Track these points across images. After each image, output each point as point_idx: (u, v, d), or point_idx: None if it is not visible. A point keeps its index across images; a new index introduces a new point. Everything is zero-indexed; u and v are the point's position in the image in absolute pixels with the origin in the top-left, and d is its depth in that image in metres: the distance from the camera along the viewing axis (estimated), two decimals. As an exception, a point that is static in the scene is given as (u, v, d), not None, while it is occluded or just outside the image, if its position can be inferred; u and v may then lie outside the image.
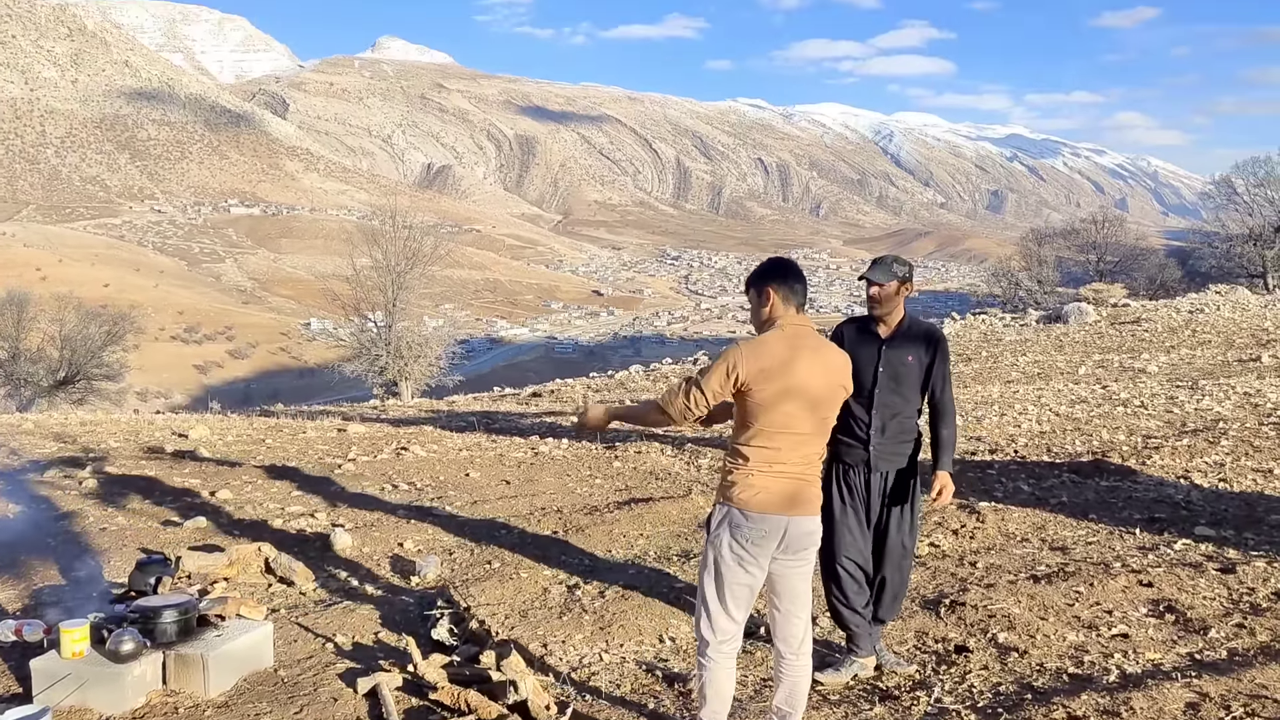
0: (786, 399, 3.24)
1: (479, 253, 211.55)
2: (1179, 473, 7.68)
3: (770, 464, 3.29)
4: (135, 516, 7.15)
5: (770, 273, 3.45)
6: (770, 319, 3.40)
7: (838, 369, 3.40)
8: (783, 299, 3.38)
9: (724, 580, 3.33)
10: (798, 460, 3.32)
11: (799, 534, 3.34)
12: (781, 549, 3.34)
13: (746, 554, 3.30)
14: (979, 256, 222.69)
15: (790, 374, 3.24)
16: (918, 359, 4.17)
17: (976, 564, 5.62)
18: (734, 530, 3.31)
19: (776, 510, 3.28)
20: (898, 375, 4.15)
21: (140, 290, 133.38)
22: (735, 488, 3.32)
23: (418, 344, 27.10)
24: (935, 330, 4.29)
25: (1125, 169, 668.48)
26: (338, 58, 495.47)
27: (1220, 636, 4.25)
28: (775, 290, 3.39)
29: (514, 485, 8.54)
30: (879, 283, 4.14)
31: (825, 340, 3.50)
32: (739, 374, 3.23)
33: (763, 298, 3.42)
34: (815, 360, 3.31)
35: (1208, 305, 22.86)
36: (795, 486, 3.32)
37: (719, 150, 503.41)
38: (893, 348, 4.16)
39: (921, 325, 4.27)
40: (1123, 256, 42.75)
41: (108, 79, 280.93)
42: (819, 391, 3.30)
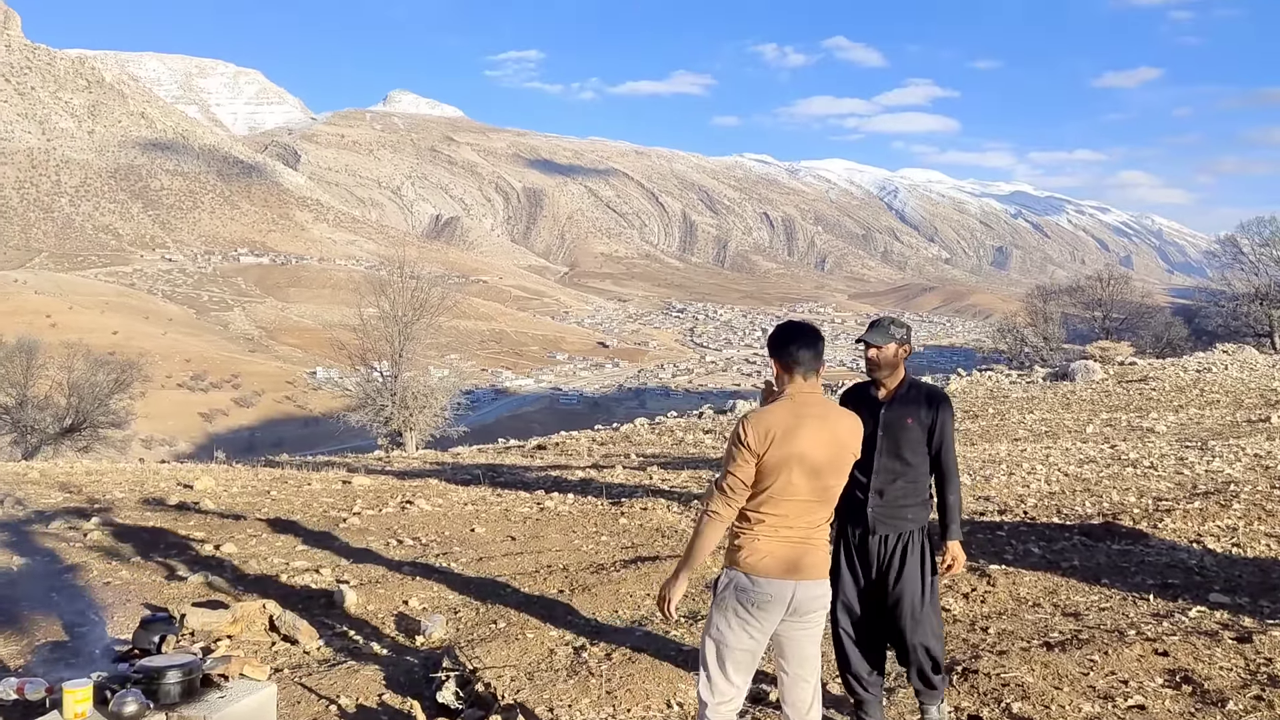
0: (788, 466, 3.28)
1: (485, 303, 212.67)
2: (1191, 537, 7.61)
3: (776, 529, 3.32)
4: (140, 570, 7.10)
5: (777, 344, 3.47)
6: (782, 388, 3.44)
7: (845, 436, 3.42)
8: (786, 369, 3.43)
9: (726, 644, 3.35)
10: (803, 525, 3.35)
11: (806, 598, 3.36)
12: (789, 613, 3.35)
13: (751, 619, 3.32)
14: (984, 312, 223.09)
15: (792, 442, 3.28)
16: (918, 421, 4.12)
17: (988, 629, 5.54)
18: (739, 594, 3.33)
19: (782, 575, 3.31)
20: (897, 439, 4.11)
21: (148, 338, 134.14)
22: (741, 552, 3.35)
23: (423, 394, 27.07)
24: (937, 391, 4.25)
25: (1130, 227, 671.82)
26: (350, 110, 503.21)
27: (1239, 709, 4.17)
28: (777, 361, 3.45)
29: (519, 541, 8.48)
30: (876, 345, 4.13)
31: (834, 407, 3.50)
32: (751, 444, 3.27)
33: (774, 368, 3.47)
34: (820, 428, 3.34)
35: (1215, 364, 22.82)
36: (801, 551, 3.34)
37: (725, 204, 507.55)
38: (892, 410, 4.14)
39: (923, 386, 4.24)
40: (1128, 314, 42.80)
41: (124, 130, 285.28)
42: (821, 459, 3.33)
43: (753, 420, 3.32)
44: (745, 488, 3.32)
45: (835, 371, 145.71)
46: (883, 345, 4.13)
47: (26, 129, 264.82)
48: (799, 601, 3.35)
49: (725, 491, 3.32)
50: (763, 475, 3.30)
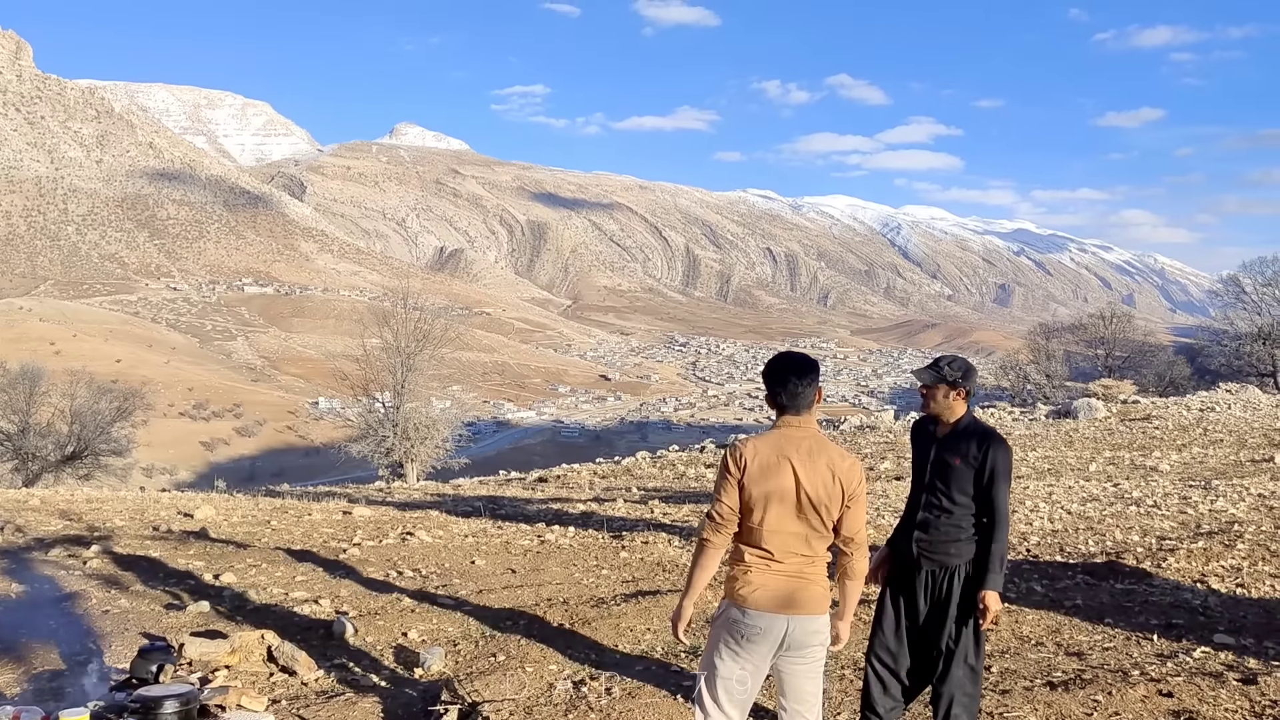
0: (773, 501, 3.32)
1: (488, 335, 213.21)
2: (1195, 577, 7.57)
3: (767, 563, 3.36)
4: (138, 599, 7.08)
5: (766, 376, 3.50)
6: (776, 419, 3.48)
7: (830, 474, 3.36)
8: (777, 403, 3.45)
9: (717, 673, 3.40)
10: (796, 560, 3.37)
11: (800, 633, 3.37)
12: (784, 648, 3.37)
13: (741, 650, 3.36)
14: (986, 349, 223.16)
15: (772, 476, 3.32)
16: (966, 461, 4.05)
17: (991, 668, 5.50)
18: (730, 625, 3.39)
19: (773, 609, 3.33)
20: (945, 475, 4.09)
21: (152, 366, 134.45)
22: (736, 584, 3.40)
23: (425, 425, 27.07)
24: (991, 433, 4.13)
25: (1132, 265, 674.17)
26: (356, 143, 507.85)
27: (1244, 751, 4.13)
28: (772, 396, 3.47)
29: (520, 574, 8.45)
30: (924, 383, 4.17)
31: (826, 443, 3.46)
32: (733, 471, 3.35)
33: (766, 400, 3.51)
34: (803, 464, 3.34)
35: (1218, 404, 22.79)
36: (794, 585, 3.36)
37: (728, 239, 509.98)
38: (944, 447, 4.13)
39: (978, 427, 4.16)
40: (1131, 352, 42.78)
41: (131, 160, 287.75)
42: (805, 495, 3.33)
43: (734, 448, 3.40)
44: (733, 513, 3.36)
45: (837, 407, 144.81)
46: (931, 385, 4.14)
47: (35, 158, 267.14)
48: (792, 636, 3.35)
49: (714, 519, 3.40)
50: (749, 507, 3.35)
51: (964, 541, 4.09)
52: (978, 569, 4.07)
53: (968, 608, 4.07)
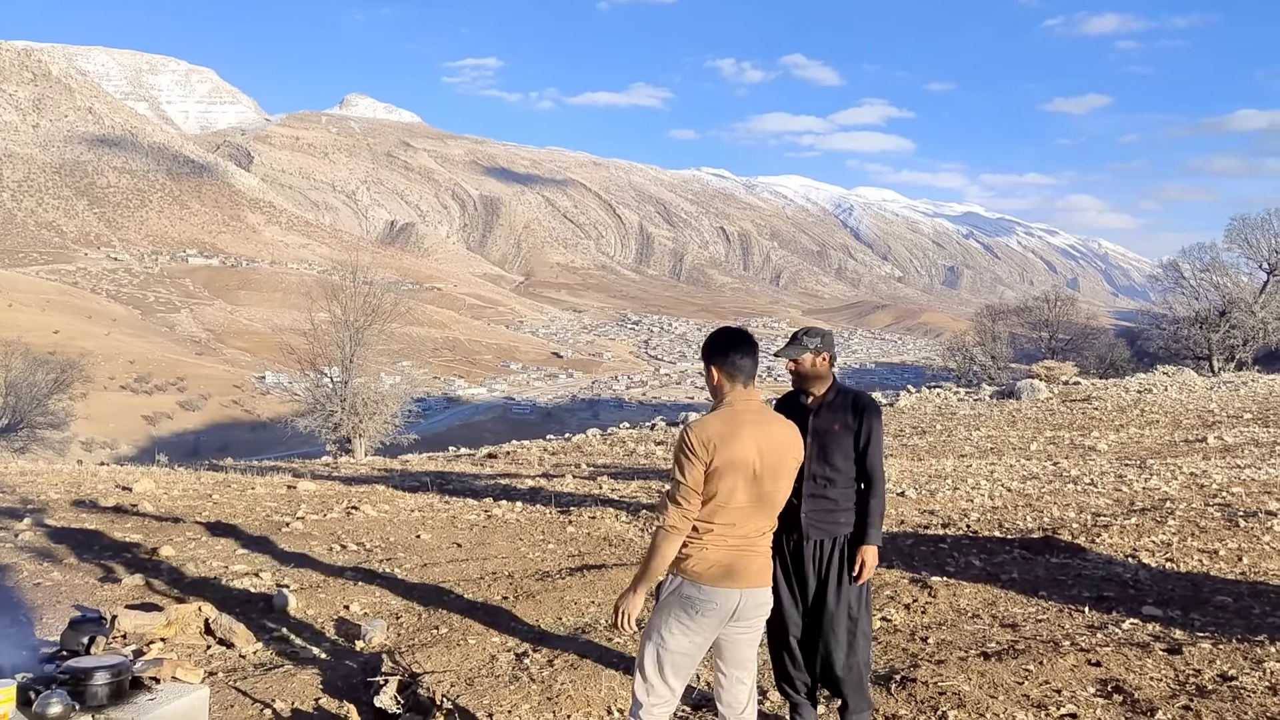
0: (729, 474, 3.29)
1: (439, 311, 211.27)
2: (1127, 551, 7.77)
3: (723, 538, 3.34)
4: (72, 572, 6.93)
5: (713, 350, 3.48)
6: (718, 394, 3.46)
7: (781, 442, 3.43)
8: (727, 376, 3.44)
9: (667, 648, 3.37)
10: (749, 532, 3.38)
11: (751, 605, 3.40)
12: (733, 619, 3.38)
13: (693, 625, 3.35)
14: (935, 331, 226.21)
15: (733, 449, 3.30)
16: (845, 426, 4.16)
17: (928, 639, 5.61)
18: (684, 602, 3.35)
19: (728, 584, 3.34)
20: (825, 445, 4.14)
21: (91, 338, 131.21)
22: (689, 560, 3.36)
23: (374, 401, 26.79)
24: (864, 396, 4.28)
25: (1077, 249, 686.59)
26: (305, 113, 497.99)
27: (1167, 719, 4.26)
28: (718, 368, 3.45)
29: (465, 548, 8.42)
30: (793, 358, 4.21)
31: (772, 413, 3.52)
32: (699, 452, 3.29)
33: (709, 374, 3.48)
34: (759, 434, 3.37)
35: (1155, 386, 23.35)
36: (746, 559, 3.38)
37: (682, 218, 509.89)
38: (820, 417, 4.17)
39: (850, 393, 4.27)
40: (1074, 335, 43.65)
41: (70, 125, 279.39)
42: (762, 466, 3.35)
43: (695, 429, 3.34)
44: (699, 496, 3.31)
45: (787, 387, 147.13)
46: (799, 358, 4.19)
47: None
48: (743, 609, 3.38)
49: (681, 503, 3.31)
50: (708, 484, 3.31)
51: (851, 510, 4.19)
52: (858, 527, 4.17)
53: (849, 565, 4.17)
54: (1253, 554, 7.51)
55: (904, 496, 10.60)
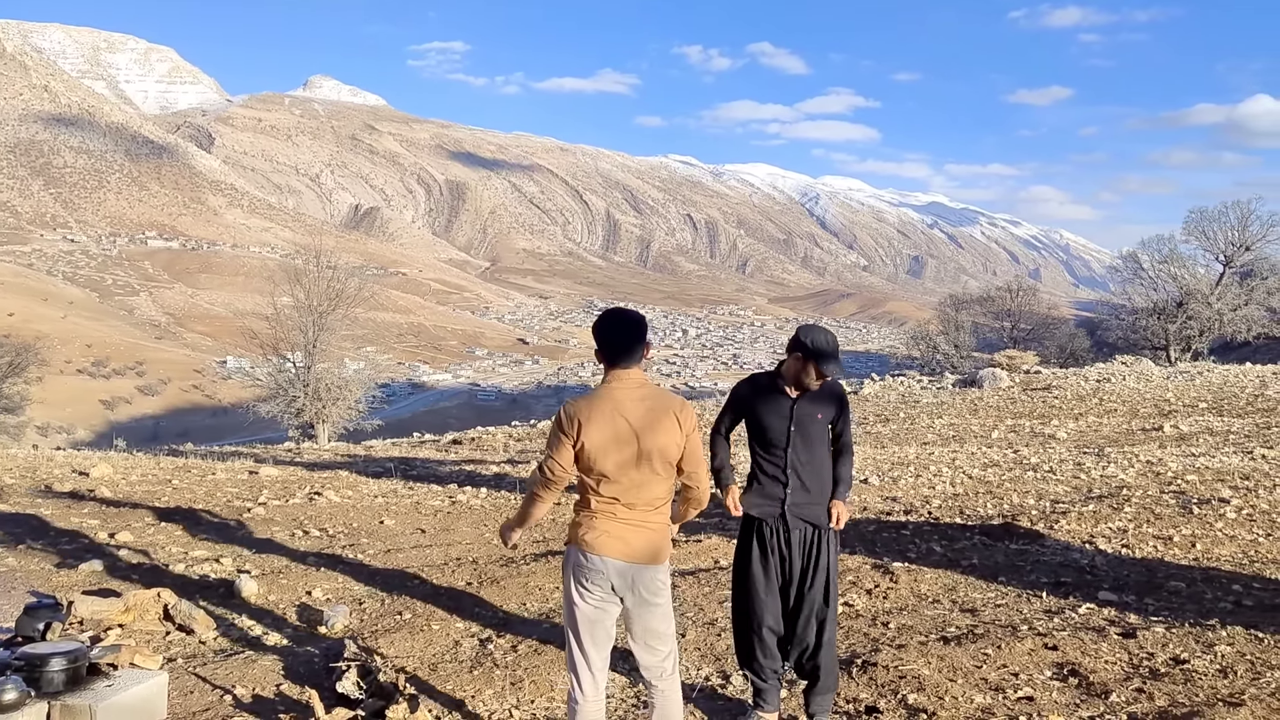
0: (611, 453, 3.43)
1: (404, 296, 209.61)
2: (1084, 538, 7.89)
3: (612, 511, 3.49)
4: (27, 557, 6.82)
5: (596, 333, 3.55)
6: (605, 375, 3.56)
7: (670, 419, 3.50)
8: (608, 358, 3.53)
9: (575, 616, 3.56)
10: (640, 507, 3.51)
11: (642, 579, 3.53)
12: (629, 593, 3.53)
13: (587, 590, 3.51)
14: (899, 319, 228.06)
15: (606, 427, 3.42)
16: (826, 416, 4.23)
17: (889, 624, 5.67)
18: (575, 569, 3.54)
19: (616, 555, 3.48)
20: (808, 433, 4.19)
21: (47, 321, 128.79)
22: (580, 529, 3.53)
23: (337, 386, 26.55)
24: (839, 387, 4.38)
25: (1039, 240, 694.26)
26: (268, 94, 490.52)
27: (1121, 701, 4.34)
28: (600, 351, 3.55)
29: (429, 534, 8.38)
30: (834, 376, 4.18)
31: (657, 394, 3.56)
32: (568, 432, 3.44)
33: (596, 356, 3.58)
34: (638, 415, 3.46)
35: (1114, 375, 23.71)
36: (635, 533, 3.51)
37: (649, 204, 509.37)
38: (802, 406, 4.19)
39: (826, 383, 4.30)
40: (1035, 325, 44.17)
41: (25, 103, 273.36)
42: (642, 446, 3.45)
43: (568, 406, 3.50)
44: (564, 471, 3.49)
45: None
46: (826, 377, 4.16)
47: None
48: (634, 582, 3.51)
49: (546, 474, 3.53)
50: (588, 459, 3.45)
51: (827, 496, 4.25)
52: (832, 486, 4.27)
53: (835, 564, 4.26)
54: (1206, 540, 7.66)
55: (867, 484, 10.69)
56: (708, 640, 5.38)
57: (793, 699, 4.56)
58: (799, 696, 4.49)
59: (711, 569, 7.07)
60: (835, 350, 4.13)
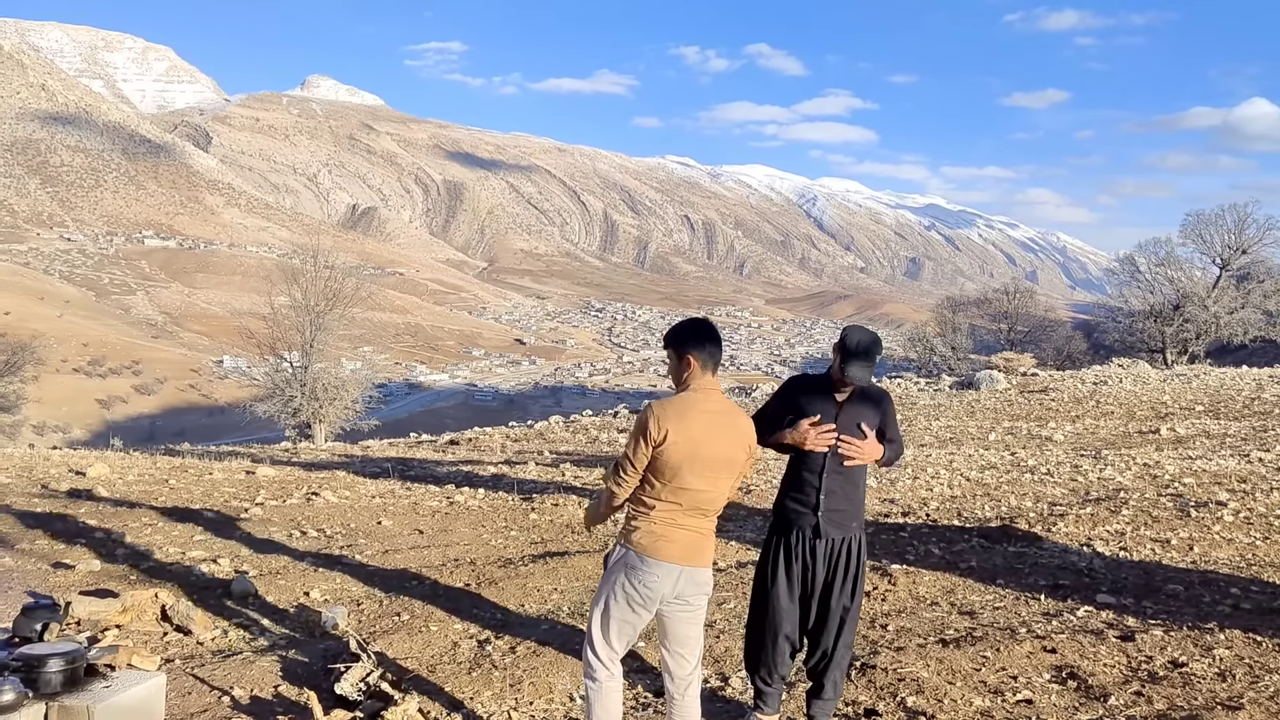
0: (691, 459, 3.45)
1: (401, 296, 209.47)
2: (1082, 540, 7.90)
3: (669, 515, 3.51)
4: (24, 557, 6.80)
5: (690, 338, 3.61)
6: (686, 381, 3.58)
7: (742, 435, 3.62)
8: (701, 365, 3.57)
9: (610, 615, 3.56)
10: (697, 515, 3.55)
11: (691, 584, 3.57)
12: (675, 596, 3.55)
13: (637, 595, 3.52)
14: (896, 321, 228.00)
15: (692, 434, 3.45)
16: (870, 422, 4.14)
17: (888, 626, 5.67)
18: (628, 571, 3.52)
19: (673, 559, 3.50)
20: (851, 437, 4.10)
21: (43, 320, 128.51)
22: (638, 533, 3.54)
23: (334, 386, 26.54)
24: (883, 392, 4.31)
25: (1036, 243, 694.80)
26: (266, 94, 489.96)
27: (1120, 704, 4.34)
28: (695, 356, 3.57)
29: (427, 535, 8.37)
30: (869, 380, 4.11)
31: (732, 405, 3.64)
32: (653, 435, 3.44)
33: (683, 362, 3.59)
34: (719, 424, 3.53)
35: (1111, 378, 23.73)
36: (693, 539, 3.55)
37: (646, 205, 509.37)
38: (847, 413, 4.11)
39: (872, 388, 4.23)
40: (1032, 327, 44.25)
41: (22, 101, 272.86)
42: (718, 454, 3.51)
43: (657, 410, 3.48)
44: (637, 472, 3.50)
45: (750, 375, 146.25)
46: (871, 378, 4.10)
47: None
48: (682, 586, 3.54)
49: (622, 474, 3.54)
50: (661, 464, 3.46)
51: (860, 506, 4.21)
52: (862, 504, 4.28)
53: (863, 571, 4.22)
54: (1203, 543, 7.67)
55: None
56: (706, 642, 5.37)
57: (791, 701, 4.56)
58: (799, 699, 4.49)
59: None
60: (866, 353, 4.04)
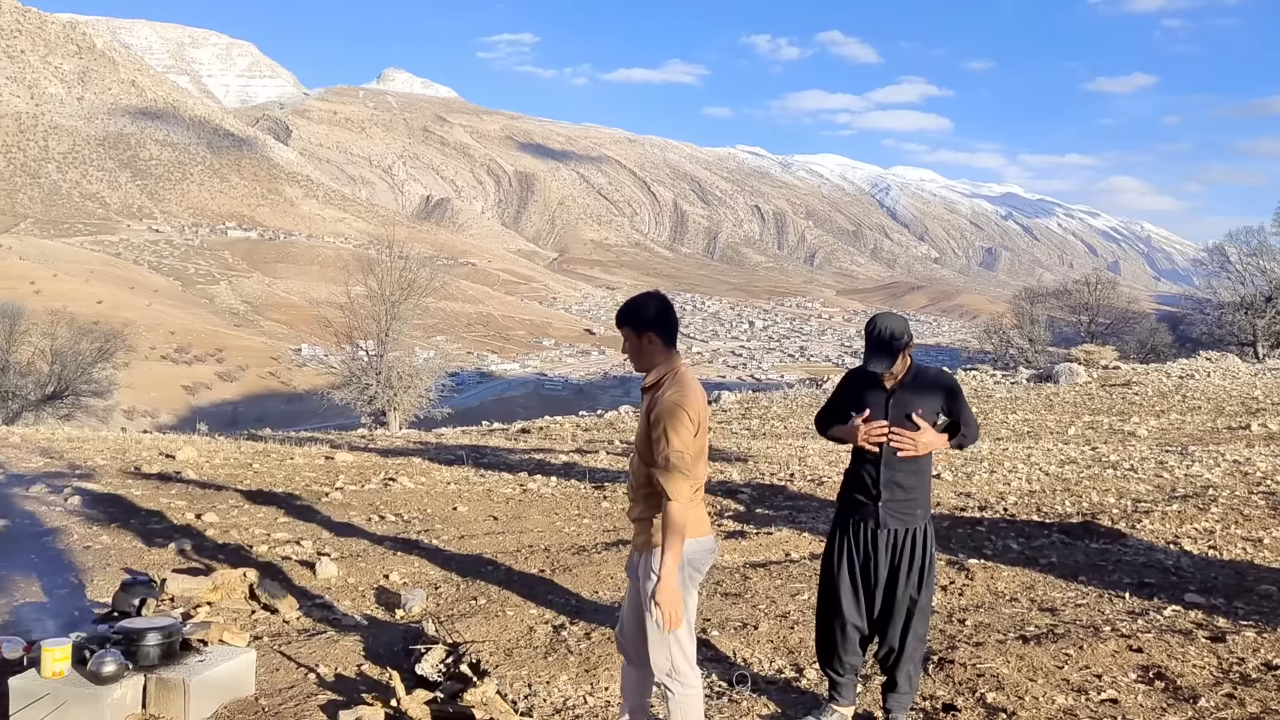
0: (700, 433, 3.47)
1: (473, 286, 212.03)
2: (1169, 538, 7.68)
3: (698, 493, 3.51)
4: (119, 536, 7.08)
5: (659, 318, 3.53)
6: (651, 359, 3.54)
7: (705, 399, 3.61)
8: (664, 341, 3.54)
9: (689, 610, 3.53)
10: (700, 485, 3.55)
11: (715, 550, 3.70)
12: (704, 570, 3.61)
13: (696, 580, 3.56)
14: (971, 313, 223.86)
15: (701, 410, 3.46)
16: (929, 408, 4.02)
17: (965, 621, 5.59)
18: (690, 559, 3.47)
19: (707, 533, 3.56)
20: (905, 428, 4.01)
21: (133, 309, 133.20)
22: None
23: (408, 374, 27.02)
24: (944, 375, 4.17)
25: (1119, 232, 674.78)
26: (343, 87, 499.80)
27: (1210, 706, 4.22)
28: (659, 335, 3.52)
29: (502, 521, 8.49)
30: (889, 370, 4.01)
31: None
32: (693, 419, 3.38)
33: (643, 339, 3.53)
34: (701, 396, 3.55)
35: (1198, 371, 22.98)
36: (703, 509, 3.61)
37: (716, 195, 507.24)
38: (899, 400, 4.04)
39: (929, 373, 4.14)
40: (1114, 319, 43.02)
41: (113, 97, 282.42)
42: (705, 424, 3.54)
43: (690, 400, 3.40)
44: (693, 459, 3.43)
45: (821, 366, 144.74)
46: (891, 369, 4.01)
47: (15, 93, 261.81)
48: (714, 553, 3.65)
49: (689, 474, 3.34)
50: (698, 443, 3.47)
51: (924, 496, 4.11)
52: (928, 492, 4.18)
53: (930, 562, 4.12)
54: (1298, 543, 7.39)
55: (939, 478, 10.53)
56: (780, 633, 5.37)
57: (868, 694, 4.52)
58: (875, 692, 4.46)
59: (783, 561, 7.04)
60: (888, 342, 3.95)
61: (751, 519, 8.64)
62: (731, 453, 13.85)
